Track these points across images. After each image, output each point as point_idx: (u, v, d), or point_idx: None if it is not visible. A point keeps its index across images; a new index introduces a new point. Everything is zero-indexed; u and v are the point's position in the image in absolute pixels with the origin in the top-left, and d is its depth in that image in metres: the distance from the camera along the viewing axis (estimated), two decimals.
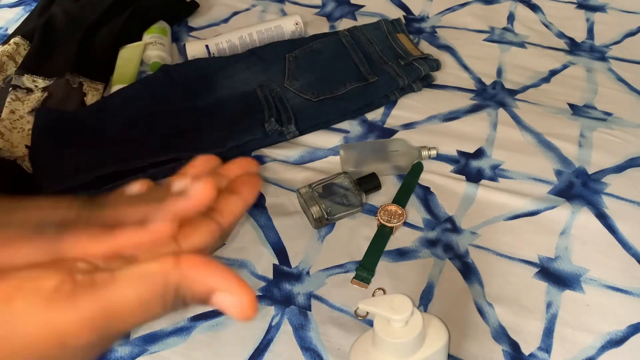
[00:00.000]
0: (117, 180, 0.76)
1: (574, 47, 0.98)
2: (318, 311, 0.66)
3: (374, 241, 0.71)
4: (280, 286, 0.68)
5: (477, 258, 0.69)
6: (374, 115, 0.88)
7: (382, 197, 0.77)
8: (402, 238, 0.72)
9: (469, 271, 0.68)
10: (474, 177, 0.78)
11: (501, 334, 0.63)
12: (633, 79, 0.92)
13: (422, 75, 0.91)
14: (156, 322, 0.64)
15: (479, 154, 0.81)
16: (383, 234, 0.72)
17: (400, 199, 0.76)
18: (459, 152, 0.81)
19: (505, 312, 0.65)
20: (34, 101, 0.89)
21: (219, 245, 0.33)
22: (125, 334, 0.63)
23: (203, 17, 1.11)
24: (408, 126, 0.86)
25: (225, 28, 1.08)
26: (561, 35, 1.01)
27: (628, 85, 0.91)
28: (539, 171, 0.79)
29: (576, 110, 0.87)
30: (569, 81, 0.92)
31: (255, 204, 0.74)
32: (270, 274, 0.69)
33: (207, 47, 0.98)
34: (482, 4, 1.09)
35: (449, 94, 0.91)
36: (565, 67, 0.95)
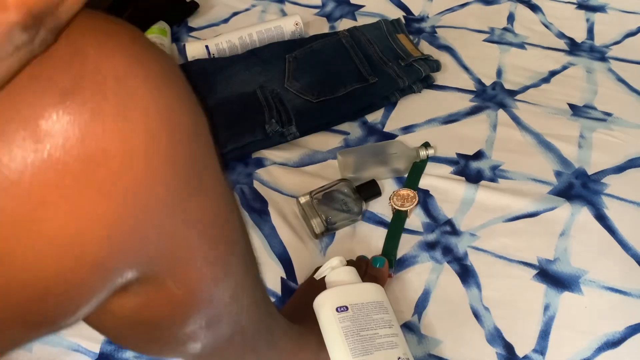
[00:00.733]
0: None
1: (573, 48, 0.98)
2: None
3: (392, 227, 0.73)
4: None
5: (475, 260, 0.70)
6: (374, 117, 0.88)
7: (381, 200, 0.77)
8: (401, 246, 0.72)
9: (467, 274, 0.68)
10: (474, 178, 0.78)
11: (496, 337, 0.63)
12: (633, 79, 0.92)
13: (423, 76, 0.91)
14: None
15: (478, 155, 0.82)
16: (399, 219, 0.73)
17: (411, 182, 0.77)
18: (459, 155, 0.82)
19: (501, 314, 0.65)
20: None
21: None
22: None
23: (203, 17, 1.11)
24: (408, 129, 0.86)
25: (225, 28, 1.07)
26: (561, 36, 1.01)
27: (628, 85, 0.91)
28: (538, 172, 0.79)
29: (576, 111, 0.87)
30: (569, 81, 0.92)
31: (258, 210, 0.75)
32: (278, 289, 0.69)
33: (207, 47, 0.99)
34: (482, 5, 1.09)
35: (449, 95, 0.91)
36: (565, 67, 0.95)
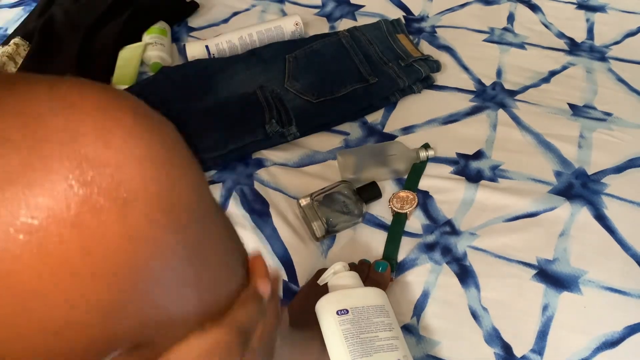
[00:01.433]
0: None
1: (573, 48, 0.98)
2: None
3: (392, 230, 0.72)
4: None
5: (474, 260, 0.70)
6: (374, 118, 0.88)
7: (381, 202, 0.77)
8: (401, 249, 0.71)
9: (466, 275, 0.68)
10: (474, 177, 0.78)
11: (494, 337, 0.63)
12: (633, 79, 0.92)
13: (423, 77, 0.91)
14: None
15: (478, 155, 0.81)
16: (399, 221, 0.73)
17: (411, 184, 0.77)
18: (458, 155, 0.82)
19: (500, 314, 0.65)
20: None
21: None
22: None
23: (203, 17, 1.11)
24: (408, 130, 0.86)
25: (225, 28, 1.08)
26: (561, 36, 1.01)
27: (628, 85, 0.91)
28: (538, 172, 0.79)
29: (576, 111, 0.87)
30: (569, 81, 0.92)
31: (259, 212, 0.75)
32: (280, 292, 0.69)
33: (207, 47, 0.99)
34: (482, 5, 1.09)
35: (449, 96, 0.91)
36: (565, 67, 0.95)
